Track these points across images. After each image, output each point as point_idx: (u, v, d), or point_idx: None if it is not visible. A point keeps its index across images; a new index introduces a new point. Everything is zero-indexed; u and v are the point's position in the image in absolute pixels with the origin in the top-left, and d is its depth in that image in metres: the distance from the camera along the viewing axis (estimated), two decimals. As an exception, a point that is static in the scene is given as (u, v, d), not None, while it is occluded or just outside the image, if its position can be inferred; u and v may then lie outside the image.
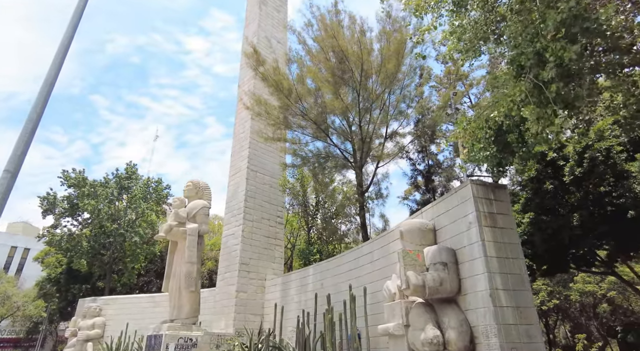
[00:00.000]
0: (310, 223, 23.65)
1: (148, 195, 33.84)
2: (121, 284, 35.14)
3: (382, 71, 15.09)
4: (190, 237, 18.62)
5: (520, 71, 6.13)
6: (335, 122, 19.07)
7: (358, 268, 15.01)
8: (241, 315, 19.86)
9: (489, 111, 8.94)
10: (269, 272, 21.90)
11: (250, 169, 23.45)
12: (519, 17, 6.21)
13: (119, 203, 33.28)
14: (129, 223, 32.08)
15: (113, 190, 31.95)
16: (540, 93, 5.61)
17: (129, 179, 33.24)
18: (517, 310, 8.37)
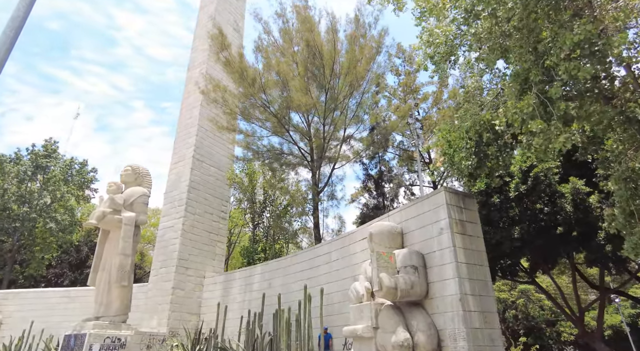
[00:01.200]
0: (256, 220, 22.87)
1: (70, 177, 30.20)
2: (24, 276, 30.93)
3: (350, 73, 15.07)
4: (127, 227, 16.95)
5: (524, 86, 6.40)
6: (294, 119, 18.69)
7: (313, 269, 14.76)
8: (177, 313, 18.46)
9: (469, 122, 9.30)
10: (209, 270, 20.70)
11: (196, 158, 22.03)
12: (525, 34, 6.48)
13: (31, 184, 29.26)
14: (42, 207, 28.32)
15: (27, 168, 27.95)
16: (545, 109, 5.89)
17: (48, 158, 29.35)
18: (483, 315, 8.76)
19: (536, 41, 6.27)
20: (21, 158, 29.23)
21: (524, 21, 6.38)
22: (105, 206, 17.10)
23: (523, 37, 6.47)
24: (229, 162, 24.36)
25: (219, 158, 23.61)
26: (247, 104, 17.61)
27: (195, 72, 25.28)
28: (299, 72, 15.40)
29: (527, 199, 15.27)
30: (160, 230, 21.07)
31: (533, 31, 6.35)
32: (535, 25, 6.16)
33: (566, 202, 14.64)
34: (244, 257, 21.50)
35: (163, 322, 18.10)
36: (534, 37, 6.30)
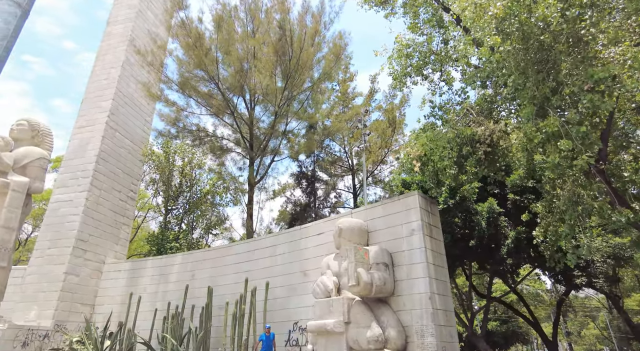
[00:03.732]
0: (170, 205, 20.68)
1: None
2: None
3: (310, 66, 14.76)
4: (15, 194, 13.85)
5: (540, 111, 7.15)
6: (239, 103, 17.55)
7: (251, 262, 13.92)
8: (66, 303, 15.38)
9: (452, 134, 9.99)
10: (110, 255, 17.86)
11: (109, 126, 18.94)
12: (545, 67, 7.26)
13: None
14: None
15: None
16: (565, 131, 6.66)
17: None
18: (445, 313, 9.39)
19: (556, 72, 7.06)
20: None
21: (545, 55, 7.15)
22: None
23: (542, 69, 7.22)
24: (145, 136, 21.59)
25: (135, 130, 20.75)
26: (190, 75, 15.85)
27: (117, 28, 21.86)
28: (267, 52, 14.47)
29: (450, 213, 17.01)
30: (53, 203, 17.49)
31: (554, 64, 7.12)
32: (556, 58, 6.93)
33: (482, 219, 16.73)
34: (151, 244, 19.19)
35: (46, 314, 14.93)
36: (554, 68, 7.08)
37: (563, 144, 6.25)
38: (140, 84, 18.85)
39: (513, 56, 6.94)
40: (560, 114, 6.69)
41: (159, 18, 24.01)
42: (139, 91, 21.35)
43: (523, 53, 7.24)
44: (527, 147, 7.19)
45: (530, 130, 6.78)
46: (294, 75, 14.23)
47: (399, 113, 22.42)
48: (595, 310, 46.12)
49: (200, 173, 22.64)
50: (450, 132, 9.97)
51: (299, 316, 11.81)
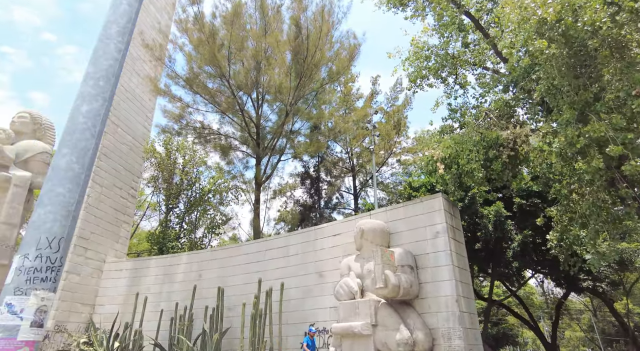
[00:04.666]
0: (171, 203, 20.24)
1: None
2: None
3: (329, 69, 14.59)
4: (17, 189, 13.37)
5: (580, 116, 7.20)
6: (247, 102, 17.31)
7: (263, 262, 13.70)
8: (67, 303, 14.85)
9: (477, 138, 10.02)
10: (111, 253, 17.34)
11: (111, 121, 18.43)
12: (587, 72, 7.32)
13: None
14: None
15: None
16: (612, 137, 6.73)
17: None
18: (470, 316, 9.39)
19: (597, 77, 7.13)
20: None
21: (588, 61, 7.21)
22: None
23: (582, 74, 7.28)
24: (146, 133, 21.09)
25: (136, 126, 20.24)
26: (199, 71, 15.52)
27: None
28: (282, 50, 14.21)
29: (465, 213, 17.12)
30: (52, 199, 16.86)
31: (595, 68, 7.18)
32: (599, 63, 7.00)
33: (488, 222, 16.90)
34: (152, 243, 18.74)
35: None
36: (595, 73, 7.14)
37: (613, 150, 6.29)
38: (145, 79, 18.41)
39: (556, 60, 6.98)
40: (604, 119, 6.74)
41: (160, 12, 23.53)
42: (141, 86, 20.84)
43: (564, 58, 7.28)
44: (568, 152, 7.23)
45: (572, 134, 6.82)
46: (308, 74, 14.08)
47: (402, 116, 22.49)
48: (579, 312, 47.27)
49: (200, 171, 22.26)
50: (475, 135, 9.99)
51: (315, 317, 11.66)
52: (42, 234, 3.18)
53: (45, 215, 3.30)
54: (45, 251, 3.19)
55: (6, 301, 3.01)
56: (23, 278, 3.05)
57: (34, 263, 3.12)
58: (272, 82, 14.23)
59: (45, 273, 3.17)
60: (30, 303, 3.05)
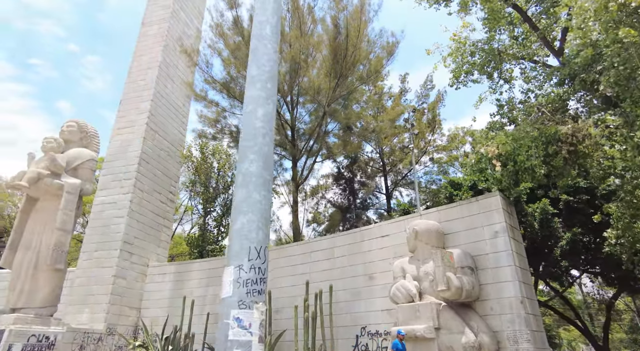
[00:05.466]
0: (208, 207, 20.48)
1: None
2: None
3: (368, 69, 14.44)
4: (69, 196, 13.72)
5: None
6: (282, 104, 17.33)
7: (307, 264, 13.66)
8: (116, 307, 15.20)
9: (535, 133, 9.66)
10: (153, 257, 17.67)
11: (150, 127, 18.79)
12: None
13: None
14: None
15: None
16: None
17: None
18: (536, 318, 9.06)
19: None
20: None
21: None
22: (41, 165, 13.51)
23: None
24: (182, 138, 21.44)
25: (172, 131, 20.61)
26: (236, 75, 15.63)
27: (152, 28, 21.76)
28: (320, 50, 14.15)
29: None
30: (97, 205, 17.34)
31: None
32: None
33: (534, 220, 16.36)
34: (192, 246, 18.98)
35: (98, 317, 14.75)
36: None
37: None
38: (180, 85, 18.71)
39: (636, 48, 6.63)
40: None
41: (190, 18, 23.90)
42: (176, 92, 21.22)
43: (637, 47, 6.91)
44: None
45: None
46: (345, 73, 13.96)
47: (436, 113, 22.08)
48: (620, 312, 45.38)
49: (234, 175, 22.44)
50: (532, 130, 9.65)
51: (367, 320, 11.51)
52: (251, 244, 3.16)
53: (248, 224, 3.27)
54: (257, 262, 3.18)
55: (234, 315, 3.02)
56: (244, 291, 3.03)
57: (249, 274, 3.10)
58: (311, 83, 14.17)
59: (260, 285, 3.15)
60: (255, 317, 3.04)
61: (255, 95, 3.67)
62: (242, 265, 3.10)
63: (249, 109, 3.63)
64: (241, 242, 3.18)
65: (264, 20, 4.12)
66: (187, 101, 21.99)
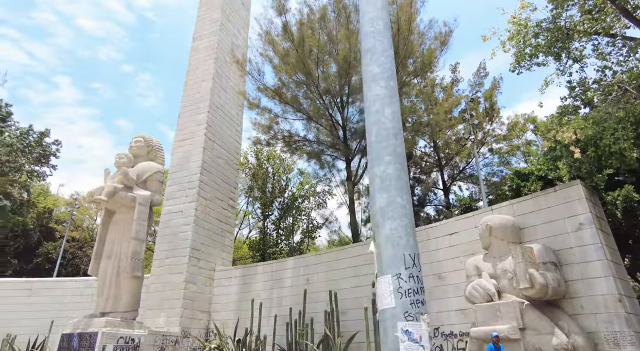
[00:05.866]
0: (266, 211, 20.94)
1: (28, 148, 25.51)
2: (-44, 263, 25.70)
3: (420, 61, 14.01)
4: (141, 207, 14.50)
5: None
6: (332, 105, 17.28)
7: (370, 265, 13.47)
8: (189, 311, 16.00)
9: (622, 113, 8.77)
10: (219, 262, 18.40)
11: (208, 137, 19.60)
12: None
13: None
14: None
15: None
16: None
17: (2, 121, 24.54)
18: (638, 318, 8.23)
19: None
20: (-32, 120, 24.21)
21: None
22: (115, 180, 14.43)
23: None
24: (237, 145, 22.16)
25: (228, 140, 21.35)
26: (287, 80, 15.83)
27: (203, 42, 22.69)
28: None
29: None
30: (165, 214, 18.35)
31: None
32: None
33: (616, 209, 14.97)
34: (254, 250, 19.48)
35: (173, 321, 15.58)
36: None
37: None
38: (232, 94, 19.31)
39: None
40: None
41: (238, 30, 24.66)
42: (229, 102, 21.97)
43: None
44: None
45: None
46: (398, 68, 13.61)
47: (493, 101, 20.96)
48: None
49: (289, 178, 22.75)
50: (617, 111, 8.78)
51: (439, 321, 11.11)
52: (404, 251, 3.13)
53: (397, 230, 3.18)
54: (414, 270, 3.07)
55: (402, 327, 2.90)
56: (407, 302, 2.99)
57: (409, 284, 3.03)
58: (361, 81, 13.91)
59: (421, 295, 3.03)
60: (424, 330, 2.91)
61: (381, 94, 3.59)
62: (400, 273, 3.00)
63: (374, 109, 3.54)
64: (394, 249, 3.09)
65: (376, 16, 4.03)
66: (240, 110, 22.69)
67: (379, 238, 3.20)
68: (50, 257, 30.94)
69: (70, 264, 32.33)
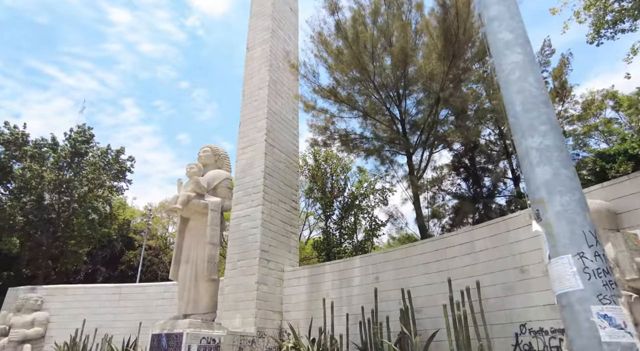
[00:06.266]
0: (327, 211, 21.04)
1: (108, 165, 28.03)
2: (57, 272, 28.71)
3: (477, 44, 13.33)
4: (213, 213, 15.11)
5: None
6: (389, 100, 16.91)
7: (444, 261, 12.98)
8: (262, 311, 16.52)
9: None
10: (286, 263, 18.82)
11: (268, 143, 20.15)
12: None
13: (68, 172, 27.07)
14: (81, 197, 26.16)
15: (66, 153, 25.76)
16: None
17: (86, 143, 27.18)
18: None
19: None
20: (58, 144, 27.06)
21: None
22: (188, 189, 15.25)
23: None
24: (295, 148, 22.57)
25: (286, 143, 21.81)
26: (343, 80, 15.79)
27: (256, 51, 23.43)
28: (435, 34, 13.49)
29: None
30: (233, 219, 19.14)
31: None
32: None
33: None
34: (319, 250, 19.63)
35: (248, 321, 16.16)
36: None
37: None
38: (287, 99, 19.69)
39: None
40: None
41: (288, 35, 25.14)
42: (285, 107, 22.46)
43: None
44: None
45: None
46: (459, 54, 13.02)
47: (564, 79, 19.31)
48: None
49: (346, 177, 22.68)
50: None
51: (525, 317, 10.40)
52: (582, 228, 2.93)
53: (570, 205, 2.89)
54: (598, 248, 2.76)
55: (597, 312, 2.58)
56: (599, 283, 2.75)
57: (597, 263, 2.77)
58: (420, 71, 13.54)
59: (612, 275, 2.71)
60: (626, 314, 2.61)
61: (520, 61, 3.40)
62: (582, 252, 2.77)
63: (515, 77, 3.36)
64: (570, 226, 2.86)
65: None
66: (295, 114, 23.10)
67: (547, 216, 2.95)
68: (131, 264, 33.66)
69: (149, 270, 34.92)
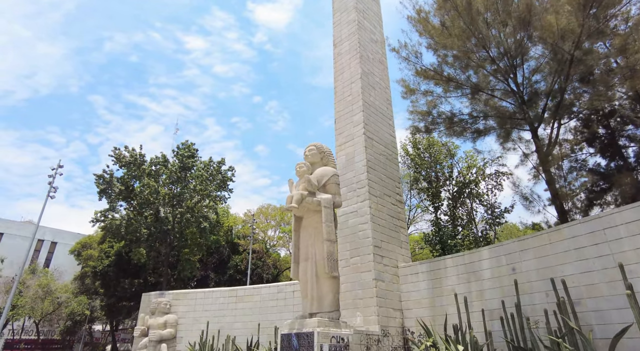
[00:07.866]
0: (435, 202, 19.70)
1: (212, 177, 29.89)
2: (175, 278, 31.19)
3: None
4: (327, 210, 14.72)
5: None
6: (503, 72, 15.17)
7: (603, 245, 11.06)
8: (383, 309, 15.84)
9: None
10: (399, 258, 17.95)
11: (367, 136, 19.55)
12: None
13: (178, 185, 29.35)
14: (192, 208, 28.11)
15: (176, 168, 27.96)
16: None
17: (192, 158, 29.29)
18: None
19: None
20: (168, 161, 29.49)
21: None
22: (301, 188, 15.15)
23: None
24: (392, 139, 21.67)
25: (384, 135, 21.02)
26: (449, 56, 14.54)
27: (344, 46, 23.08)
28: None
29: None
30: (341, 216, 18.81)
31: None
32: None
33: None
34: (431, 244, 18.36)
35: (370, 319, 15.58)
36: None
37: None
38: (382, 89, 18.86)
39: None
40: None
41: (373, 25, 24.42)
42: (378, 98, 21.72)
43: None
44: None
45: None
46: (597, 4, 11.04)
47: None
48: None
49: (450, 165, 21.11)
50: None
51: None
52: None
53: None
54: None
55: None
56: None
57: None
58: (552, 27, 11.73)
59: None
60: None
61: None
62: None
63: None
64: None
65: None
66: (388, 104, 22.24)
67: None
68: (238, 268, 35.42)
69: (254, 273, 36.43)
